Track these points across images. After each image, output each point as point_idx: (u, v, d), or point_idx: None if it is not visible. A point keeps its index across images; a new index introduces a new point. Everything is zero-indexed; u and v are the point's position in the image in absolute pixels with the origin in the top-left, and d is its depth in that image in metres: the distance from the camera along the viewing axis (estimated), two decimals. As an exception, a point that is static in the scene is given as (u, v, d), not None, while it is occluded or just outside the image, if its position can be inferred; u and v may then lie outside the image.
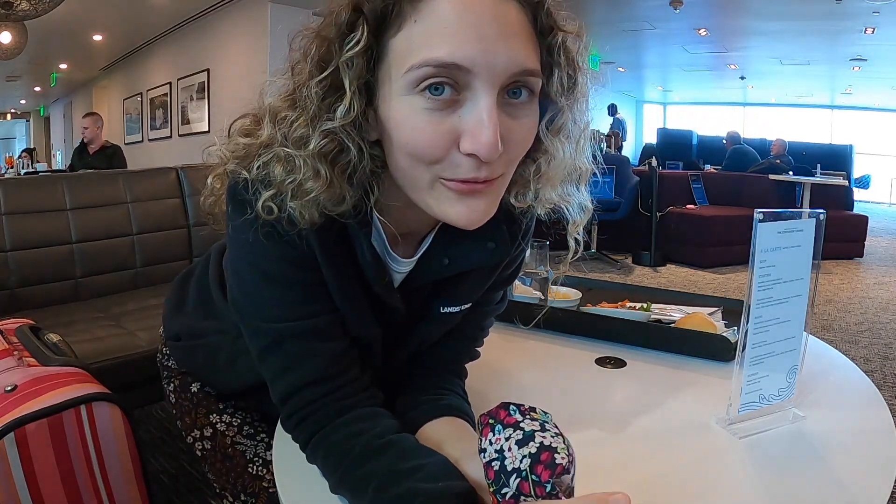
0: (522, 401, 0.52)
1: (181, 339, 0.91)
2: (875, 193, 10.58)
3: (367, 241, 0.60)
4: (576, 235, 0.67)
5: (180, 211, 2.42)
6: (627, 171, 5.20)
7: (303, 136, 0.53)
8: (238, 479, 0.84)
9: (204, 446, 0.89)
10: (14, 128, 13.78)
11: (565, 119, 0.58)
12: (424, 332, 0.71)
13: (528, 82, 0.53)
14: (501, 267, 0.71)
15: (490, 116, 0.50)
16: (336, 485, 0.58)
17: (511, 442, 0.48)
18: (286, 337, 0.60)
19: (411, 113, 0.51)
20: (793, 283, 0.72)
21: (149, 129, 8.18)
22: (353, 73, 0.51)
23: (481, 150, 0.50)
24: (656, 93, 13.01)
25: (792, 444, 0.72)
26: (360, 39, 0.51)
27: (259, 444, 0.87)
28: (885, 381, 2.67)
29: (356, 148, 0.54)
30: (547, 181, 0.62)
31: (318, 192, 0.54)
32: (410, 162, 0.53)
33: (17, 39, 5.19)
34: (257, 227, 0.57)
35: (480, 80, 0.50)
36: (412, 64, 0.50)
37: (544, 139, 0.58)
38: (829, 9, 6.02)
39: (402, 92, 0.51)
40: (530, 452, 0.47)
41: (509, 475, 0.47)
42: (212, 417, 0.89)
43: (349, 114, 0.52)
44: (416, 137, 0.51)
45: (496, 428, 0.49)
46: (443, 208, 0.55)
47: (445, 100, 0.50)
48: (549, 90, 0.56)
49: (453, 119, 0.51)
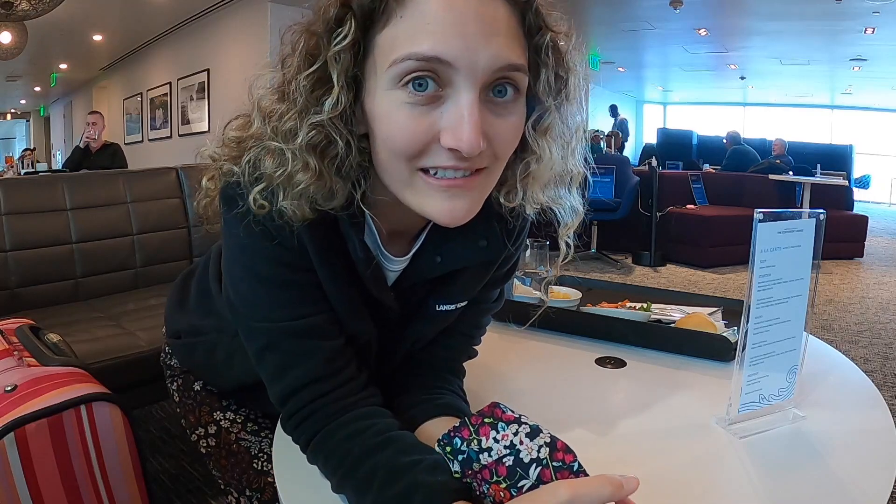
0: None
1: (181, 337, 0.91)
2: (875, 193, 10.59)
3: (359, 237, 0.60)
4: (566, 239, 0.67)
5: (180, 211, 2.42)
6: (627, 171, 5.20)
7: (292, 129, 0.54)
8: (243, 474, 0.85)
9: (208, 444, 0.89)
10: (14, 128, 13.78)
11: (553, 119, 0.58)
12: (419, 330, 0.71)
13: (512, 79, 0.53)
14: (497, 265, 0.71)
15: (470, 113, 0.50)
16: (338, 485, 0.58)
17: (521, 435, 0.48)
18: (282, 337, 0.61)
19: (393, 107, 0.52)
20: (793, 283, 0.72)
21: (149, 129, 8.18)
22: (341, 67, 0.52)
23: (462, 145, 0.50)
24: (656, 93, 13.01)
25: (792, 444, 0.72)
26: (348, 34, 0.51)
27: (263, 439, 0.87)
28: (885, 381, 2.67)
29: (343, 141, 0.54)
30: (534, 181, 0.62)
31: (308, 183, 0.54)
32: (390, 156, 0.54)
33: (17, 39, 5.20)
34: (251, 228, 0.57)
35: (462, 77, 0.50)
36: (395, 58, 0.50)
37: (529, 138, 0.58)
38: (829, 9, 6.02)
39: (386, 86, 0.52)
40: (545, 442, 0.48)
41: (527, 466, 0.47)
42: (215, 415, 0.90)
43: (337, 107, 0.53)
44: (396, 131, 0.52)
45: (498, 426, 0.49)
46: (423, 204, 0.55)
47: (428, 95, 0.51)
48: (537, 89, 0.57)
49: (435, 115, 0.52)
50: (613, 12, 6.81)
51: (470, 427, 0.49)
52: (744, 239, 0.89)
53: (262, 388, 0.64)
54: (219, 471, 0.88)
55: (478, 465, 0.49)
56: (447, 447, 0.50)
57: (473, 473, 0.49)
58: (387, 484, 0.52)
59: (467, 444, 0.49)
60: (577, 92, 0.60)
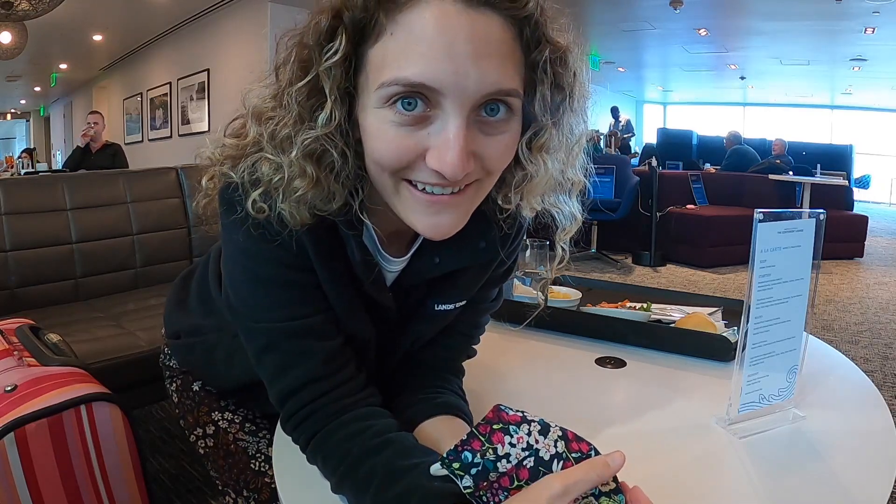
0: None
1: (181, 337, 0.91)
2: (875, 193, 10.58)
3: (357, 240, 0.60)
4: (562, 244, 0.67)
5: (180, 211, 2.42)
6: (627, 171, 5.20)
7: (287, 137, 0.54)
8: (241, 475, 0.85)
9: (206, 444, 0.89)
10: (14, 128, 13.77)
11: (548, 136, 0.57)
12: (418, 330, 0.71)
13: (504, 101, 0.52)
14: (495, 265, 0.71)
15: (456, 137, 0.50)
16: (337, 485, 0.58)
17: (535, 434, 0.48)
18: (281, 337, 0.61)
19: (381, 125, 0.52)
20: (793, 283, 0.72)
21: (149, 129, 8.18)
22: (333, 82, 0.52)
23: (445, 169, 0.50)
24: (656, 93, 13.01)
25: (792, 444, 0.72)
26: (339, 49, 0.51)
27: (261, 440, 0.87)
28: (885, 381, 2.67)
29: (338, 152, 0.54)
30: (528, 193, 0.62)
31: (305, 189, 0.54)
32: (377, 168, 0.54)
33: (17, 39, 5.20)
34: (249, 230, 0.57)
35: (450, 101, 0.50)
36: (383, 81, 0.50)
37: (522, 157, 0.57)
38: (829, 9, 6.02)
39: (374, 104, 0.52)
40: (559, 436, 0.48)
41: (549, 463, 0.47)
42: (214, 415, 0.90)
43: (330, 123, 0.53)
44: (384, 148, 0.52)
45: (510, 429, 0.48)
46: (409, 216, 0.56)
47: (416, 115, 0.50)
48: (532, 107, 0.55)
49: (421, 135, 0.51)
50: (613, 12, 6.80)
51: (480, 438, 0.48)
52: (744, 239, 0.89)
53: (262, 388, 0.65)
54: (216, 471, 0.88)
55: (495, 475, 0.48)
56: (454, 464, 0.48)
57: (489, 485, 0.48)
58: (385, 486, 0.52)
59: (481, 455, 0.48)
60: (579, 103, 0.58)
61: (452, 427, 0.65)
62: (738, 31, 7.40)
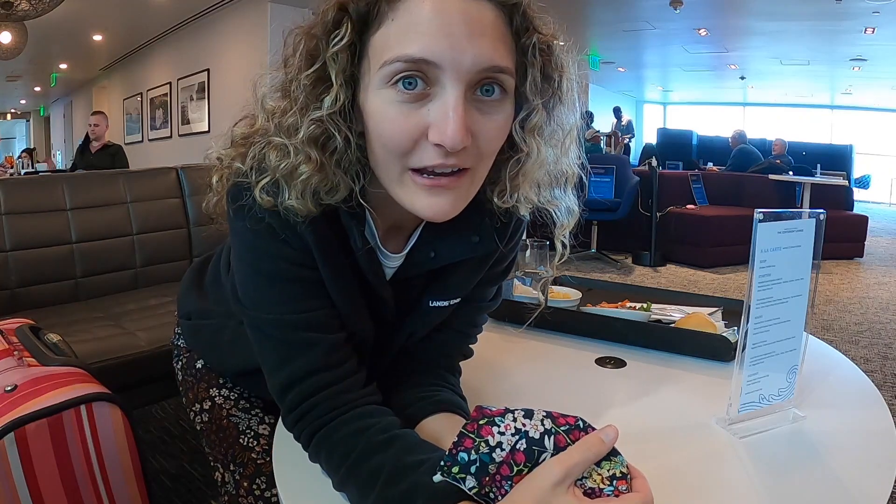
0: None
1: (192, 318, 0.95)
2: (875, 193, 10.59)
3: (360, 229, 0.62)
4: (562, 239, 0.68)
5: (180, 211, 2.42)
6: (627, 171, 5.20)
7: (294, 124, 0.57)
8: (229, 449, 0.87)
9: (203, 419, 0.92)
10: (14, 128, 13.79)
11: (541, 118, 0.60)
12: (413, 326, 0.73)
13: (498, 79, 0.55)
14: (492, 262, 0.72)
15: (455, 109, 0.53)
16: (340, 482, 0.58)
17: (520, 419, 0.50)
18: (285, 329, 0.62)
19: (385, 105, 0.55)
20: (793, 283, 0.72)
21: (149, 129, 8.19)
22: (339, 67, 0.55)
23: (446, 140, 0.53)
24: (656, 93, 13.02)
25: (792, 444, 0.72)
26: (344, 36, 0.54)
27: (253, 417, 0.89)
28: (885, 381, 2.67)
29: (342, 136, 0.57)
30: (524, 180, 0.64)
31: (310, 174, 0.57)
32: (384, 153, 0.57)
33: (17, 39, 5.20)
34: (256, 226, 0.60)
35: (448, 76, 0.53)
36: (386, 59, 0.54)
37: (517, 136, 0.60)
38: (829, 9, 6.02)
39: (378, 85, 0.55)
40: (544, 415, 0.50)
41: (540, 441, 0.49)
42: (212, 391, 0.93)
43: (335, 104, 0.56)
44: (387, 127, 0.55)
45: (495, 421, 0.50)
46: (411, 201, 0.58)
47: (416, 93, 0.54)
48: (524, 89, 0.59)
49: (422, 112, 0.54)
50: (613, 12, 6.79)
51: (470, 435, 0.49)
52: (744, 239, 0.89)
53: (261, 375, 0.66)
54: (209, 446, 0.91)
55: (494, 466, 0.48)
56: (453, 468, 0.48)
57: (491, 478, 0.49)
58: (391, 482, 0.53)
59: (475, 451, 0.49)
60: (568, 93, 0.62)
61: (453, 424, 0.65)
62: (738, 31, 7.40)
